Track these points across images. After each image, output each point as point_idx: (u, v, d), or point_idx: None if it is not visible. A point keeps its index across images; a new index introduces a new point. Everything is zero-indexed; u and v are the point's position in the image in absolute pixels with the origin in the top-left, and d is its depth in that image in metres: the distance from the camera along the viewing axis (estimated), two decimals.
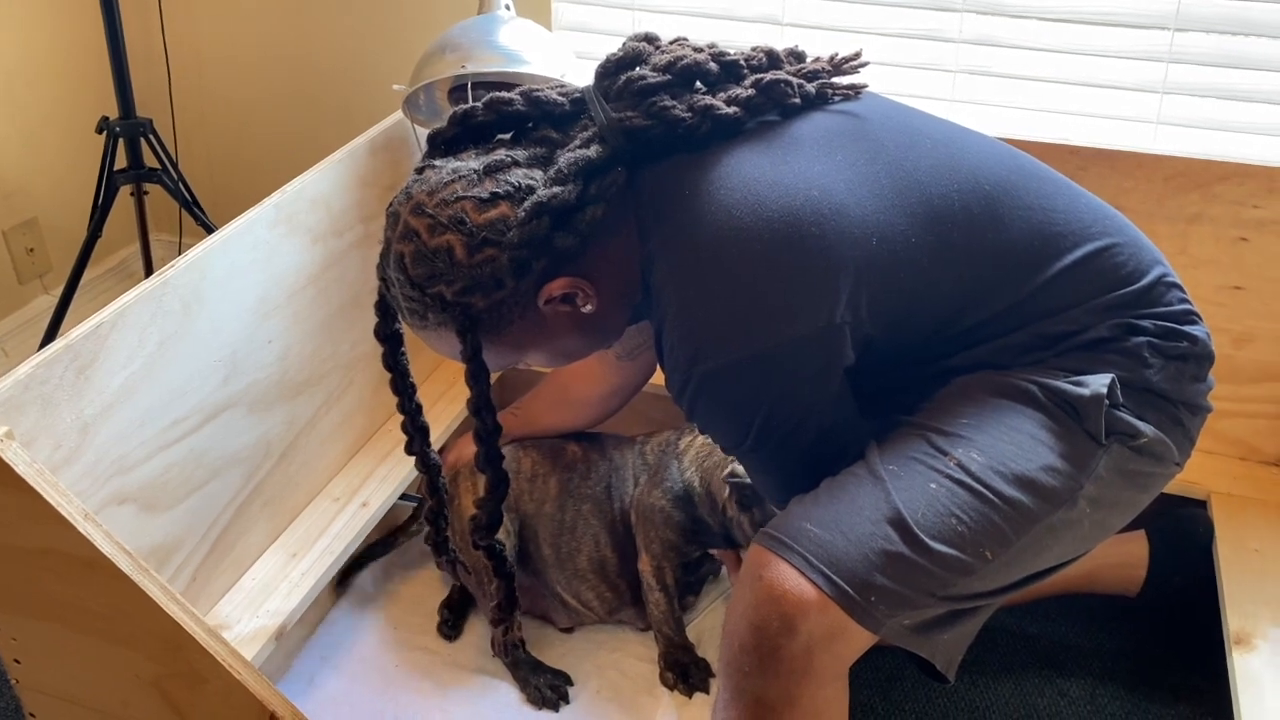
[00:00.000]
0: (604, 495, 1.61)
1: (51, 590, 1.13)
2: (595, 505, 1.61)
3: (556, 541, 1.61)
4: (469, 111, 1.12)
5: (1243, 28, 1.67)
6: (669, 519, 1.55)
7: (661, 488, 1.56)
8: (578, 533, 1.60)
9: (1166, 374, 1.12)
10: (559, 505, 1.61)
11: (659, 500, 1.56)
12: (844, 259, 1.04)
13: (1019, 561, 1.08)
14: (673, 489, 1.56)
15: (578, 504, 1.61)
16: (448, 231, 1.05)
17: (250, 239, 1.43)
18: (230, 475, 1.46)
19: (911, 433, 1.11)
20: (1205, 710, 1.53)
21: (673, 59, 1.12)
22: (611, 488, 1.62)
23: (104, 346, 1.23)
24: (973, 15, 1.81)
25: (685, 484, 1.56)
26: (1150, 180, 1.61)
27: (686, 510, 1.55)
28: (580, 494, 1.62)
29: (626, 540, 1.60)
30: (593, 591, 1.62)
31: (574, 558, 1.61)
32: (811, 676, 1.02)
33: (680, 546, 1.56)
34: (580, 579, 1.61)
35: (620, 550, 1.60)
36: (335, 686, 1.59)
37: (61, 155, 2.32)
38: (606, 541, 1.60)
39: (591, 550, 1.60)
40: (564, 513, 1.61)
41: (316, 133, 2.31)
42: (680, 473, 1.57)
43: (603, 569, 1.61)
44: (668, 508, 1.55)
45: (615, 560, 1.60)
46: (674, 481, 1.56)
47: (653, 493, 1.57)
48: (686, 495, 1.56)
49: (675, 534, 1.55)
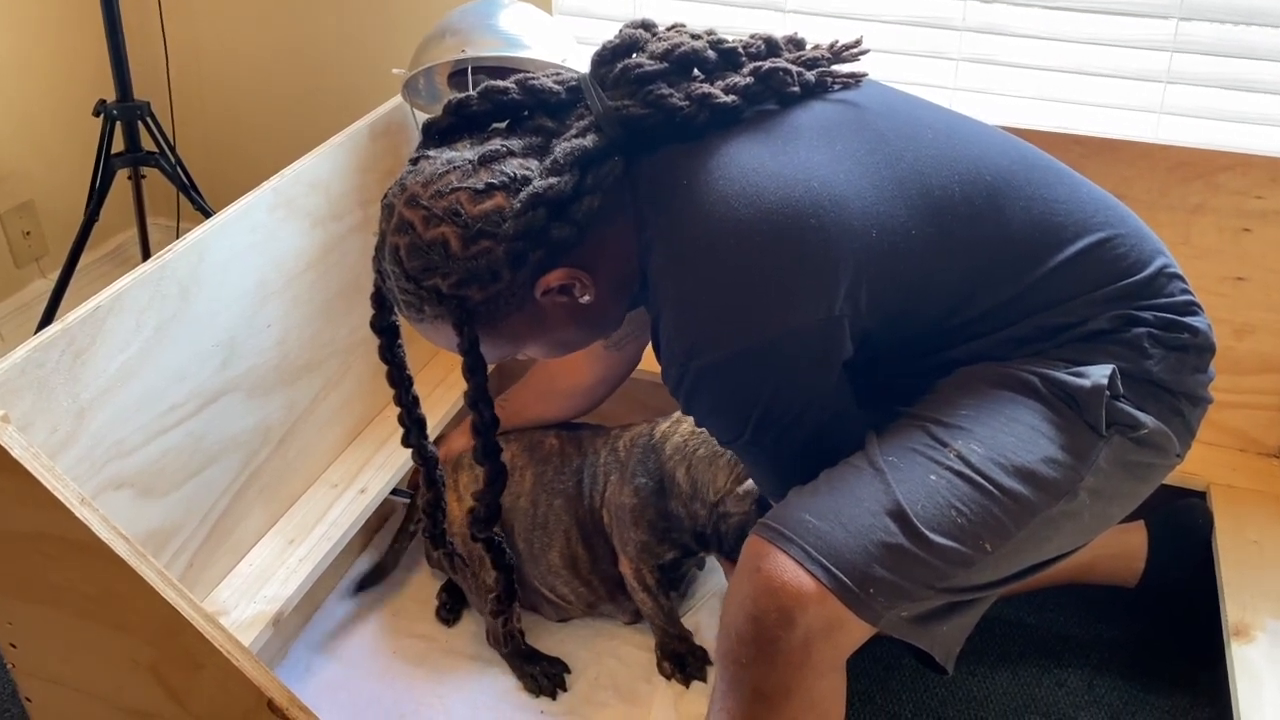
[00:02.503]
0: (575, 490, 1.59)
1: (47, 575, 1.13)
2: (567, 500, 1.58)
3: (530, 536, 1.59)
4: (464, 101, 1.11)
5: (1247, 17, 1.66)
6: (638, 517, 1.52)
7: (632, 485, 1.53)
8: (549, 528, 1.58)
9: (1167, 365, 1.11)
10: (532, 500, 1.59)
11: (628, 499, 1.53)
12: (843, 251, 1.03)
13: (1018, 553, 1.07)
14: (645, 484, 1.52)
15: (550, 499, 1.59)
16: (443, 223, 1.04)
17: (248, 223, 1.43)
18: (228, 460, 1.45)
19: (911, 424, 1.10)
20: (1203, 701, 1.53)
21: (670, 46, 1.11)
22: (583, 483, 1.59)
23: (101, 330, 1.22)
24: (976, 3, 1.80)
25: (663, 475, 1.52)
26: (1153, 170, 1.60)
27: (656, 505, 1.52)
28: (553, 488, 1.59)
29: (597, 537, 1.58)
30: (567, 586, 1.61)
31: (546, 553, 1.59)
32: (809, 668, 1.02)
33: (652, 546, 1.53)
34: (554, 574, 1.60)
35: (591, 547, 1.58)
36: (332, 673, 1.59)
37: (58, 138, 2.31)
38: (577, 537, 1.58)
39: (563, 546, 1.58)
40: (536, 507, 1.59)
41: (316, 116, 2.30)
42: (659, 465, 1.53)
43: (574, 565, 1.59)
44: (638, 505, 1.52)
45: (586, 557, 1.58)
46: (647, 476, 1.53)
47: (623, 490, 1.54)
48: (659, 488, 1.52)
49: (645, 533, 1.52)
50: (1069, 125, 1.79)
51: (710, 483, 1.49)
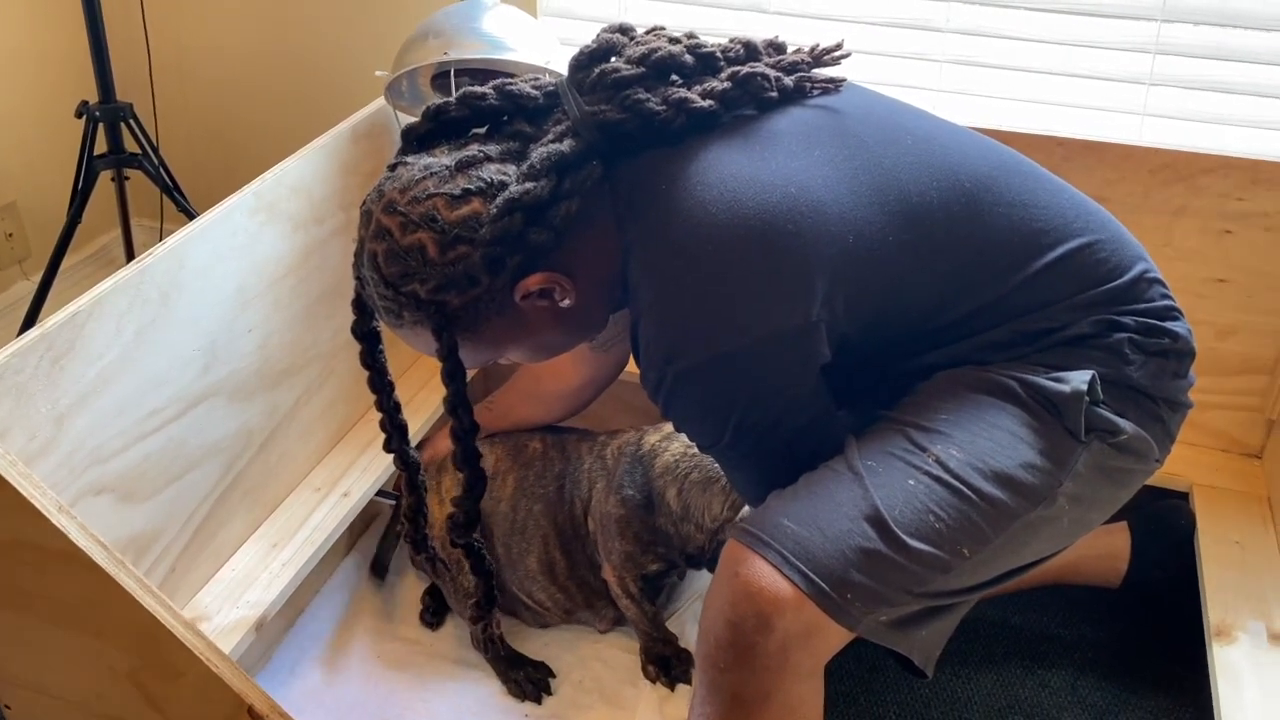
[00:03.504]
0: (556, 496, 1.58)
1: (25, 582, 1.12)
2: (546, 506, 1.57)
3: (508, 541, 1.58)
4: (441, 107, 1.11)
5: (1228, 20, 1.67)
6: (624, 528, 1.51)
7: (620, 495, 1.52)
8: (528, 533, 1.57)
9: (1147, 370, 1.12)
10: (512, 504, 1.58)
11: (614, 509, 1.52)
12: (821, 257, 1.03)
13: (997, 559, 1.07)
14: (632, 496, 1.51)
15: (530, 504, 1.58)
16: (420, 229, 1.04)
17: (229, 226, 1.42)
18: (210, 465, 1.45)
19: (891, 428, 1.10)
20: (1185, 701, 1.54)
21: (647, 51, 1.11)
22: (564, 489, 1.58)
23: (80, 335, 1.22)
24: (960, 5, 1.80)
25: (652, 491, 1.51)
26: (1136, 172, 1.60)
27: (643, 519, 1.51)
28: (533, 493, 1.58)
29: (575, 543, 1.57)
30: (544, 593, 1.60)
31: (524, 558, 1.58)
32: (787, 673, 1.02)
33: (636, 557, 1.52)
34: (531, 580, 1.59)
35: (569, 553, 1.57)
36: (316, 678, 1.58)
37: (41, 139, 2.30)
38: (556, 543, 1.57)
39: (541, 552, 1.57)
40: (516, 512, 1.58)
41: (299, 118, 2.29)
42: (647, 480, 1.52)
43: (552, 571, 1.58)
44: (624, 516, 1.51)
45: (564, 563, 1.57)
46: (635, 489, 1.52)
47: (609, 499, 1.53)
48: (646, 502, 1.51)
49: (631, 543, 1.51)
50: (1052, 127, 1.79)
51: (705, 508, 1.48)
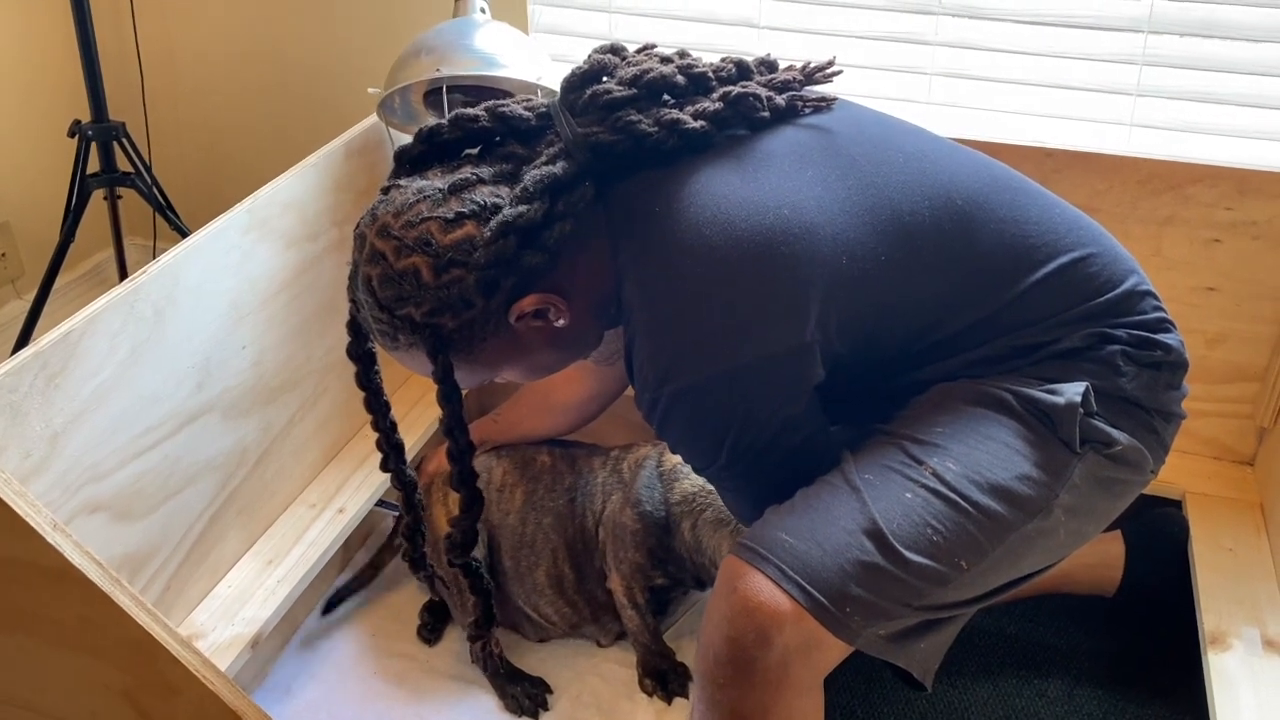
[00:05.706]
0: (566, 509, 1.58)
1: (19, 601, 1.12)
2: (556, 519, 1.58)
3: (516, 554, 1.58)
4: (434, 129, 1.11)
5: (1215, 31, 1.68)
6: (640, 542, 1.51)
7: (638, 510, 1.52)
8: (537, 546, 1.58)
9: (1140, 382, 1.12)
10: (521, 518, 1.59)
11: (631, 522, 1.52)
12: (814, 278, 1.04)
13: (994, 571, 1.08)
14: (650, 513, 1.52)
15: (539, 517, 1.58)
16: (414, 253, 1.04)
17: (223, 244, 1.42)
18: (204, 482, 1.45)
19: (887, 442, 1.11)
20: (1181, 709, 1.54)
21: (639, 72, 1.11)
22: (575, 502, 1.58)
23: (74, 354, 1.22)
24: (949, 18, 1.81)
25: (669, 513, 1.52)
26: (1124, 183, 1.62)
27: (659, 538, 1.51)
28: (543, 507, 1.58)
29: (585, 557, 1.57)
30: (551, 607, 1.60)
31: (533, 572, 1.58)
32: (787, 688, 1.02)
33: (646, 570, 1.52)
34: (539, 593, 1.59)
35: (578, 567, 1.57)
36: (313, 695, 1.58)
37: (34, 158, 2.30)
38: (565, 557, 1.57)
39: (550, 565, 1.57)
40: (525, 525, 1.58)
41: (291, 136, 2.30)
42: (665, 502, 1.52)
43: (560, 585, 1.58)
44: (640, 530, 1.51)
45: (573, 577, 1.58)
46: (655, 506, 1.52)
47: (625, 511, 1.53)
48: (664, 522, 1.52)
49: (644, 557, 1.51)
50: (1041, 139, 1.80)
51: (716, 549, 1.48)
